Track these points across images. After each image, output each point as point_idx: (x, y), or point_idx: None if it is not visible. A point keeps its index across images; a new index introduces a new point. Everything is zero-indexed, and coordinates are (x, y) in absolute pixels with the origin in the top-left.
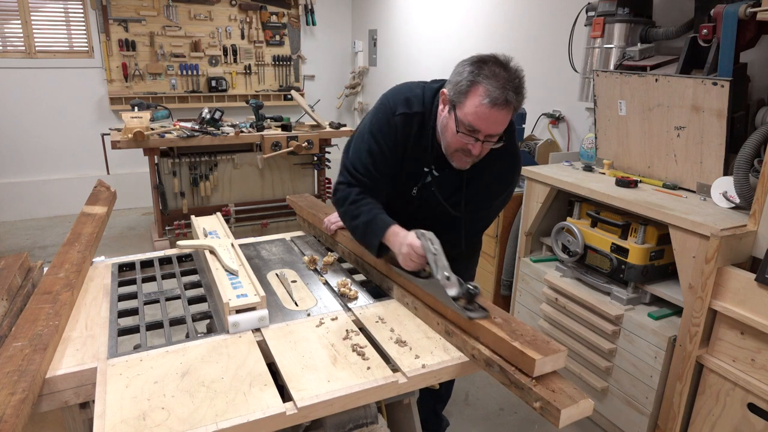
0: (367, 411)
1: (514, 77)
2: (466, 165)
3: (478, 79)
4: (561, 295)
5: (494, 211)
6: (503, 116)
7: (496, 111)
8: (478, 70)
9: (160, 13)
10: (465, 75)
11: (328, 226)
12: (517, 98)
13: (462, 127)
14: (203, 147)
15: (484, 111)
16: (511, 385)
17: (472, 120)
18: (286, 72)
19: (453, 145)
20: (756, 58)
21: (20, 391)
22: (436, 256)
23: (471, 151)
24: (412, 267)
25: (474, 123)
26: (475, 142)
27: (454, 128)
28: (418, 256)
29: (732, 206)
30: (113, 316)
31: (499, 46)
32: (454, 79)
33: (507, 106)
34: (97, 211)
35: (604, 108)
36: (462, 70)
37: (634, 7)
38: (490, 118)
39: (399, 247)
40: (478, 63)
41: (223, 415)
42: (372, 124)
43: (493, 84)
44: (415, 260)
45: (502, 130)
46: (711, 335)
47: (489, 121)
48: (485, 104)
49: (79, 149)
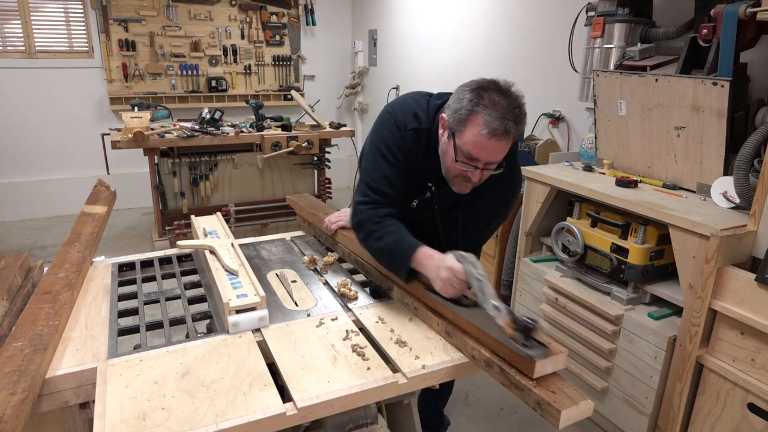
0: (367, 411)
1: (514, 106)
2: (465, 190)
3: (477, 108)
4: (561, 295)
5: (491, 229)
6: (503, 146)
7: (495, 141)
8: (477, 98)
9: (160, 13)
10: (464, 103)
11: (328, 226)
12: (517, 127)
13: (461, 155)
14: (203, 147)
15: (482, 141)
16: (511, 385)
17: (470, 149)
18: (286, 72)
19: (452, 171)
20: (756, 58)
21: (20, 392)
22: (481, 282)
23: (471, 178)
24: (452, 293)
25: (473, 152)
26: (474, 170)
27: (453, 155)
28: (459, 281)
29: (732, 206)
30: (113, 316)
31: (499, 46)
32: (453, 106)
33: (506, 136)
34: (97, 211)
35: (604, 108)
36: (462, 97)
37: (634, 7)
38: (489, 147)
39: (436, 271)
40: (478, 90)
41: (223, 416)
42: (386, 139)
43: (492, 114)
44: (456, 286)
45: (501, 157)
46: (711, 335)
47: (488, 151)
48: (484, 135)
49: (79, 149)
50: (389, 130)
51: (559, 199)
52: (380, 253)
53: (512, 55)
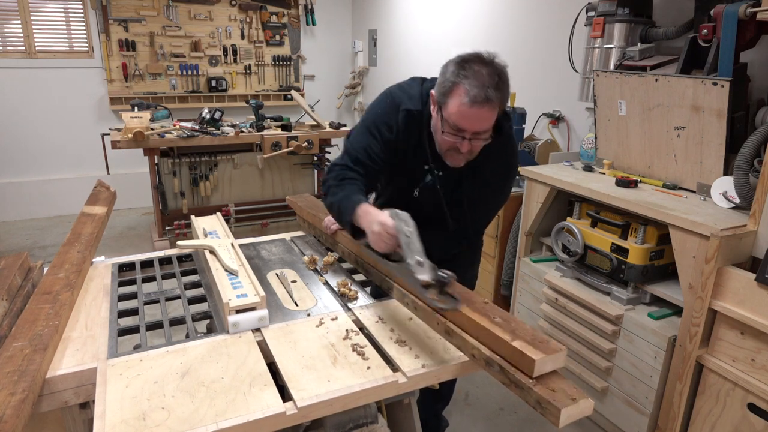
0: (367, 411)
1: (494, 74)
2: (460, 163)
3: (458, 79)
4: (561, 295)
5: (494, 207)
6: (485, 113)
7: (477, 109)
8: (459, 69)
9: (160, 13)
10: (448, 75)
11: (328, 226)
12: (499, 94)
13: (447, 126)
14: (203, 147)
15: (465, 110)
16: (511, 384)
17: (455, 119)
18: (286, 72)
19: (444, 145)
20: (756, 58)
21: (20, 392)
22: (409, 238)
23: (460, 150)
24: (383, 248)
25: (458, 122)
26: (462, 141)
27: (441, 128)
28: (389, 236)
29: (732, 206)
30: (113, 316)
31: (499, 46)
32: (439, 80)
33: (488, 104)
34: (97, 211)
35: (604, 108)
36: (446, 71)
37: (634, 7)
38: (473, 116)
39: (370, 226)
40: (461, 63)
41: (223, 415)
42: (377, 115)
43: (472, 83)
44: (386, 241)
45: (488, 126)
46: (711, 335)
47: (472, 120)
48: (466, 103)
49: (79, 149)
50: (383, 108)
51: (559, 199)
52: (330, 208)
53: (512, 55)
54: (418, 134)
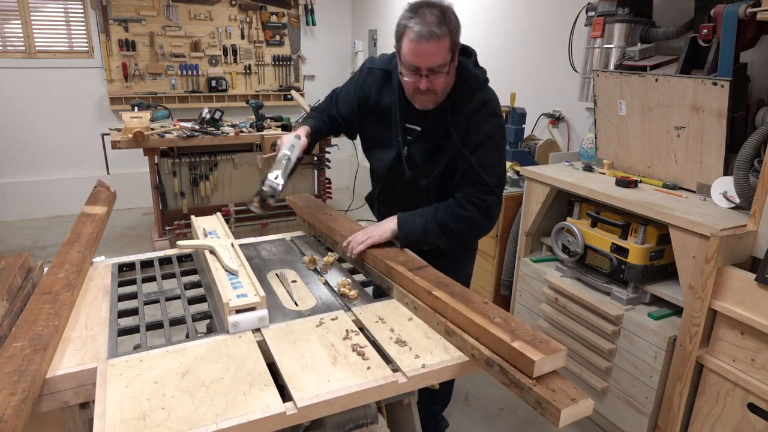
0: (367, 411)
1: (437, 12)
2: (428, 104)
3: (406, 22)
4: (561, 295)
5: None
6: (433, 47)
7: (424, 44)
8: (407, 14)
9: (160, 13)
10: (399, 21)
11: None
12: (443, 28)
13: (405, 67)
14: (203, 147)
15: (414, 47)
16: (511, 384)
17: (409, 59)
18: (286, 72)
19: (408, 88)
20: (756, 58)
21: (20, 392)
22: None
23: (420, 88)
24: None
25: (411, 60)
26: (420, 78)
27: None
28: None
29: (732, 206)
30: (113, 316)
31: (499, 45)
32: (395, 30)
33: (433, 38)
34: (97, 211)
35: (604, 108)
36: (398, 20)
37: (634, 7)
38: (422, 52)
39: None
40: (409, 9)
41: (223, 415)
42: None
43: (417, 22)
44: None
45: (441, 61)
46: (711, 335)
47: (422, 56)
48: (414, 41)
49: (79, 149)
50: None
51: (559, 199)
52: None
53: (512, 55)
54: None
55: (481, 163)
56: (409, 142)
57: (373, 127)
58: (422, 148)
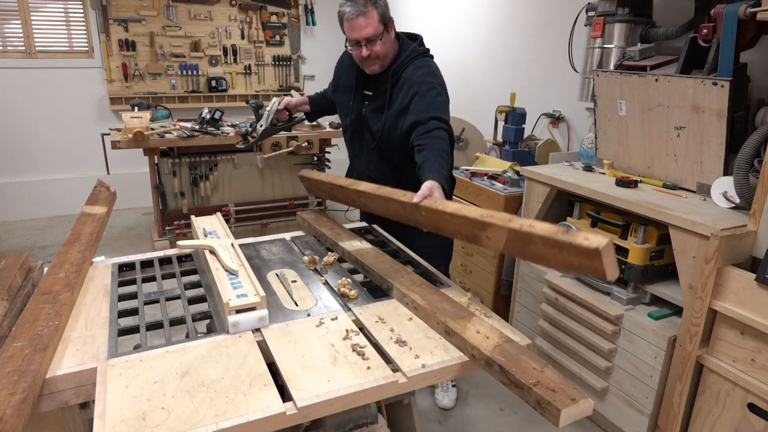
0: (367, 411)
1: None
2: (374, 68)
3: (342, 8)
4: (561, 295)
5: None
6: (362, 21)
7: (355, 20)
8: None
9: (160, 13)
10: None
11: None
12: (368, 5)
13: (349, 43)
14: (203, 147)
15: (348, 24)
16: (511, 384)
17: (348, 35)
18: (286, 72)
19: (357, 59)
20: (756, 58)
21: (20, 392)
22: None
23: (362, 55)
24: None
25: (349, 35)
26: (360, 48)
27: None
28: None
29: (732, 206)
30: (113, 316)
31: (498, 46)
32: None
33: (361, 14)
34: (97, 211)
35: (604, 108)
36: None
37: (634, 7)
38: (354, 26)
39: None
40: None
41: (223, 415)
42: None
43: (349, 5)
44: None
45: (373, 32)
46: (711, 335)
47: (354, 29)
48: (347, 19)
49: (79, 149)
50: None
51: (559, 199)
52: None
53: (512, 55)
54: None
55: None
56: (366, 105)
57: (340, 96)
58: (374, 105)
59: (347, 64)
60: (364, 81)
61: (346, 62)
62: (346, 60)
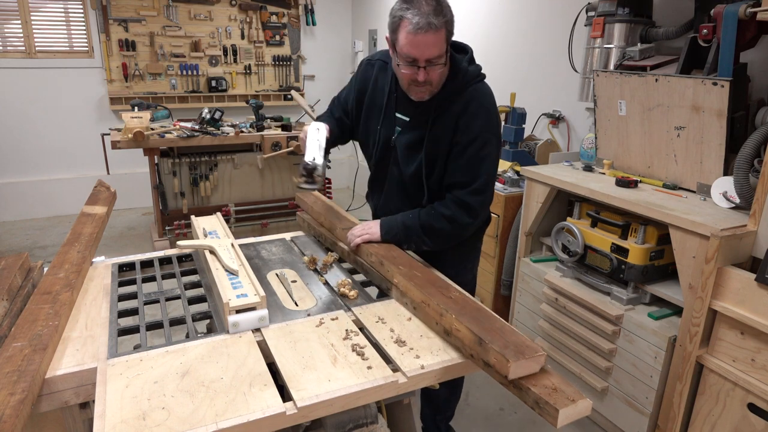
0: (367, 411)
1: (432, 1)
2: (423, 96)
3: (402, 13)
4: (561, 295)
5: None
6: (431, 39)
7: (422, 35)
8: (402, 4)
9: (160, 13)
10: (394, 12)
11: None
12: (440, 19)
13: (401, 59)
14: (203, 147)
15: (412, 38)
16: (509, 384)
17: (406, 50)
18: (286, 72)
19: (404, 80)
20: (756, 58)
21: (20, 392)
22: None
23: (418, 79)
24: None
25: (409, 52)
26: (417, 70)
27: (397, 63)
28: (302, 138)
29: (732, 206)
30: (113, 316)
31: (499, 46)
32: (388, 21)
33: (431, 29)
34: (97, 211)
35: (604, 108)
36: (392, 10)
37: (634, 7)
38: (420, 43)
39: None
40: (403, 0)
41: (223, 415)
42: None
43: (414, 13)
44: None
45: (438, 52)
46: (711, 335)
47: (420, 47)
48: (411, 32)
49: (79, 149)
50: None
51: (559, 199)
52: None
53: (512, 55)
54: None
55: (467, 164)
56: (398, 131)
57: (367, 117)
58: (408, 137)
59: (375, 78)
60: (397, 101)
61: (374, 76)
62: (374, 74)
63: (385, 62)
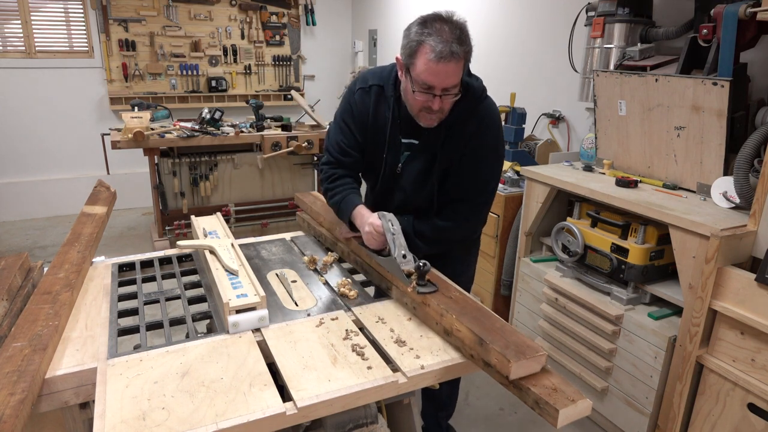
0: (367, 411)
1: (455, 29)
2: (433, 122)
3: (422, 38)
4: (561, 295)
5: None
6: (452, 68)
7: (444, 64)
8: (422, 29)
9: (160, 13)
10: (412, 36)
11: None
12: (462, 48)
13: (417, 86)
14: (203, 147)
15: (432, 66)
16: (509, 384)
17: (424, 77)
18: (286, 72)
19: (416, 106)
20: (756, 58)
21: (20, 392)
22: (394, 235)
23: (432, 107)
24: (374, 245)
25: (427, 80)
26: (433, 98)
27: (411, 89)
28: (378, 234)
29: (732, 206)
30: (113, 316)
31: (498, 46)
32: (404, 42)
33: (453, 58)
34: (97, 211)
35: (604, 108)
36: (409, 32)
37: (634, 7)
38: (440, 72)
39: (362, 226)
40: (423, 22)
41: (223, 415)
42: (341, 107)
43: (436, 40)
44: (376, 239)
45: (456, 81)
46: (711, 335)
47: (440, 76)
48: (432, 60)
49: (79, 149)
50: (344, 99)
51: (559, 199)
52: (332, 208)
53: (512, 55)
54: (379, 105)
55: (475, 179)
56: (406, 156)
57: (371, 146)
58: (419, 161)
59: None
60: (401, 126)
61: (372, 104)
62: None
63: (381, 86)
